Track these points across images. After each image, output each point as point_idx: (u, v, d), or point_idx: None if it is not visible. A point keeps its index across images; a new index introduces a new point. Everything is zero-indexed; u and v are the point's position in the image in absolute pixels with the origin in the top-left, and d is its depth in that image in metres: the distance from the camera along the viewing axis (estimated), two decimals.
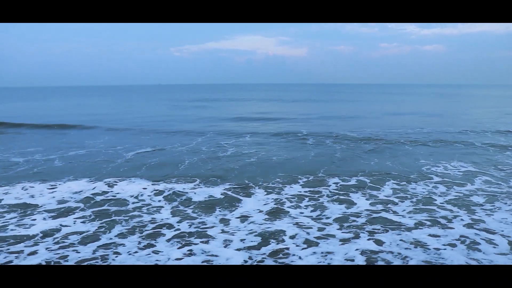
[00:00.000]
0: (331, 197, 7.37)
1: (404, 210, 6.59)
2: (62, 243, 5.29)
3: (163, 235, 5.59)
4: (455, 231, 5.64)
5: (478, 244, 5.24)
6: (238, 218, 6.31)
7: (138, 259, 4.81)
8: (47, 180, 8.63)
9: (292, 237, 5.50)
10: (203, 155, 11.55)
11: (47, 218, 6.27)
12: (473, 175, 9.01)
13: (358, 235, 5.54)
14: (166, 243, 5.31)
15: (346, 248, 5.12)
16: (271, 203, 7.04)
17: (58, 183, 8.33)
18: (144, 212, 6.59)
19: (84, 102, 47.61)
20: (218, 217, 6.37)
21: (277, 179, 8.65)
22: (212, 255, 4.94)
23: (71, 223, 6.06)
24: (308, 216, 6.40)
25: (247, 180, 8.57)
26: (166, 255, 4.92)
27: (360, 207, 6.79)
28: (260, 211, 6.63)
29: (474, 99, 51.71)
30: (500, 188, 7.89)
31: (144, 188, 7.90)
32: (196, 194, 7.53)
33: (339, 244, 5.23)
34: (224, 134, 15.96)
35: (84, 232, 5.69)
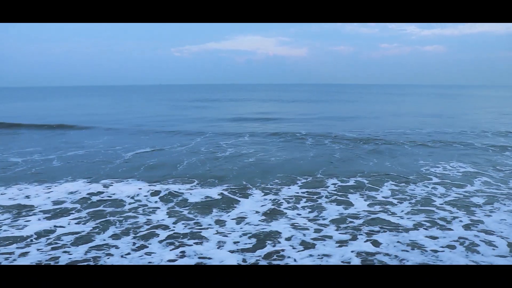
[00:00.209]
0: (329, 198, 7.31)
1: (403, 211, 6.52)
2: (54, 244, 5.23)
3: (157, 236, 5.52)
4: (454, 233, 5.58)
5: (477, 245, 5.17)
6: (234, 219, 6.25)
7: (131, 261, 4.75)
8: (44, 181, 8.59)
9: (288, 238, 5.44)
10: (202, 156, 11.51)
11: (41, 219, 6.22)
12: (472, 176, 8.94)
13: (355, 236, 5.48)
14: (159, 244, 5.24)
15: (343, 250, 5.06)
16: (268, 204, 6.97)
17: (55, 184, 8.28)
18: (140, 213, 6.54)
19: (84, 102, 47.61)
20: (214, 218, 6.30)
21: (275, 180, 8.59)
22: (204, 257, 4.88)
23: (66, 224, 6.01)
24: (305, 217, 6.33)
25: (245, 181, 8.51)
26: (158, 257, 4.86)
27: (358, 208, 6.73)
28: (257, 212, 6.57)
29: (474, 100, 51.63)
30: (499, 189, 7.84)
31: (141, 189, 7.83)
32: (193, 195, 7.47)
33: (336, 246, 5.16)
34: (224, 135, 15.92)
35: (77, 233, 5.63)
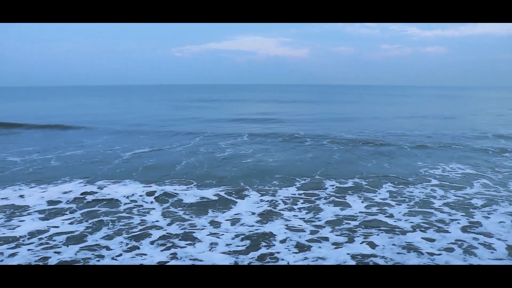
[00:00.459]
0: (326, 199, 7.25)
1: (400, 213, 6.48)
2: (45, 245, 5.19)
3: (149, 237, 5.47)
4: (451, 235, 5.51)
5: (475, 248, 5.11)
6: (229, 220, 6.20)
7: (121, 263, 4.70)
8: (41, 181, 8.55)
9: (283, 240, 5.38)
10: (201, 156, 11.48)
11: (35, 219, 6.18)
12: (471, 177, 8.88)
13: (351, 238, 5.43)
14: (151, 245, 5.20)
15: (338, 251, 5.01)
16: (264, 205, 6.92)
17: (51, 184, 8.24)
18: (135, 214, 6.49)
19: (85, 102, 47.61)
20: (208, 219, 6.25)
21: (273, 181, 8.54)
22: (195, 258, 4.83)
23: (59, 224, 5.97)
24: (301, 218, 6.28)
25: (243, 182, 8.46)
26: (149, 258, 4.81)
27: (356, 209, 6.67)
28: (253, 213, 6.51)
29: (475, 101, 51.53)
30: (498, 191, 7.80)
31: (137, 189, 7.78)
32: (189, 196, 7.42)
33: (331, 248, 5.10)
34: (223, 135, 15.88)
35: (70, 233, 5.59)
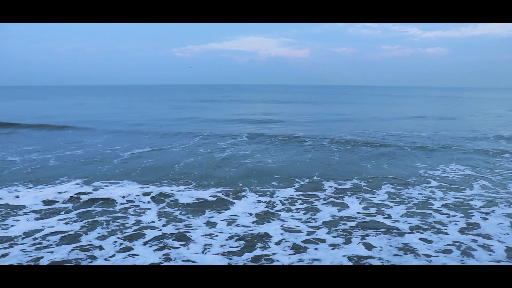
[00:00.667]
0: (325, 200, 7.21)
1: (398, 214, 6.42)
2: (39, 245, 5.16)
3: (143, 237, 5.44)
4: (449, 237, 5.46)
5: (474, 250, 5.06)
6: (225, 221, 6.16)
7: (114, 263, 4.67)
8: (39, 180, 8.53)
9: (279, 241, 5.34)
10: (200, 156, 11.46)
11: (30, 219, 6.16)
12: (471, 179, 8.83)
13: (348, 239, 5.39)
14: (144, 246, 5.16)
15: (334, 253, 4.97)
16: (261, 206, 6.88)
17: (48, 184, 8.22)
18: (130, 214, 6.46)
19: (85, 101, 47.62)
20: (204, 219, 6.21)
21: (272, 182, 8.50)
22: (188, 259, 4.79)
23: (54, 224, 5.94)
24: (298, 219, 6.24)
25: (241, 183, 8.43)
26: (142, 259, 4.78)
27: (354, 210, 6.62)
28: (250, 214, 6.48)
29: (475, 102, 51.41)
30: (497, 193, 7.76)
31: (135, 189, 7.75)
32: (187, 197, 7.38)
33: (328, 249, 5.07)
34: (222, 135, 15.86)
35: (64, 233, 5.56)
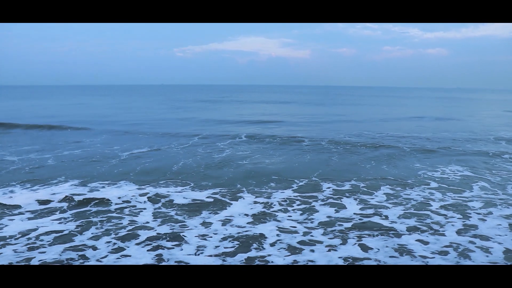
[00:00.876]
0: (323, 201, 7.16)
1: (395, 215, 6.38)
2: (32, 245, 5.14)
3: (137, 238, 5.40)
4: (446, 238, 5.42)
5: (472, 251, 5.02)
6: (221, 221, 6.12)
7: (106, 263, 4.64)
8: (36, 180, 8.51)
9: (274, 242, 5.30)
10: (198, 157, 11.43)
11: (24, 219, 6.13)
12: (470, 180, 8.78)
13: (345, 240, 5.35)
14: (137, 246, 5.13)
15: (330, 255, 4.93)
16: (259, 207, 6.84)
17: (45, 184, 8.19)
18: (126, 214, 6.43)
19: (86, 101, 47.66)
20: (200, 220, 6.17)
21: (270, 183, 8.45)
22: (180, 260, 4.76)
23: (49, 224, 5.91)
24: (295, 220, 6.20)
25: (239, 183, 8.39)
26: (134, 260, 4.75)
27: (351, 212, 6.58)
28: (246, 214, 6.44)
29: (476, 103, 51.35)
30: (496, 194, 7.72)
31: (132, 190, 7.73)
32: (183, 197, 7.35)
33: (324, 251, 5.03)
34: (221, 136, 15.83)
35: (58, 233, 5.53)
